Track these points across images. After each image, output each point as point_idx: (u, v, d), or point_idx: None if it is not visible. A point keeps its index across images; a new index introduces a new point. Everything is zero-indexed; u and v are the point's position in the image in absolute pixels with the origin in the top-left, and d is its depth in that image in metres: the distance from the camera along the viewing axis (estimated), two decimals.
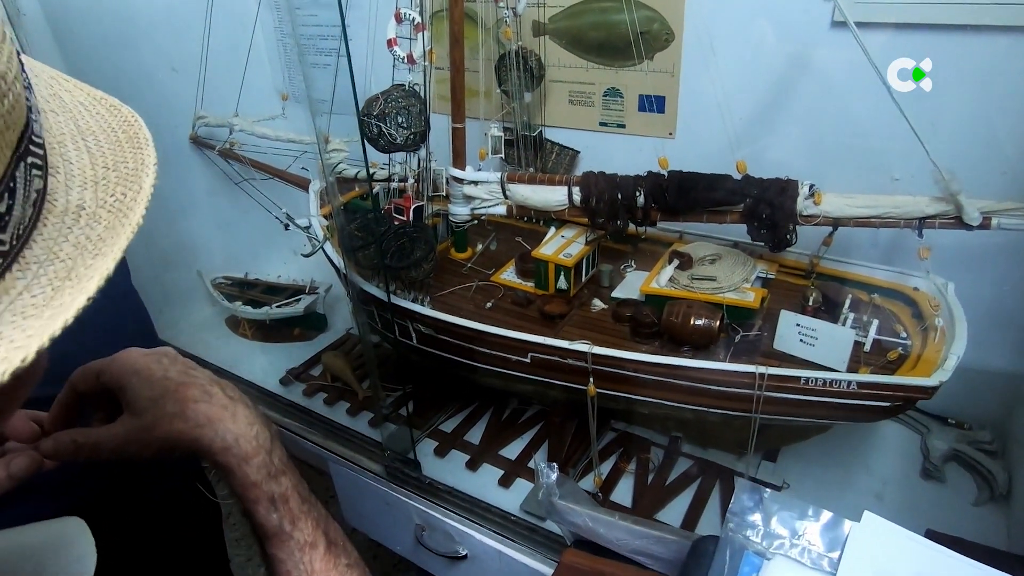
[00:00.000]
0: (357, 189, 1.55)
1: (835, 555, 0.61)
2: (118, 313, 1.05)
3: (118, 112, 0.44)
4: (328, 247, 1.37)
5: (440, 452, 1.36)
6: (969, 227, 0.96)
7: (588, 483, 1.25)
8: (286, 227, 1.42)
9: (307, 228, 1.41)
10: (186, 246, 1.89)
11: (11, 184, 0.32)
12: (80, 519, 0.38)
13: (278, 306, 1.77)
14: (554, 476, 0.83)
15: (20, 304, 0.33)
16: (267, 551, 0.58)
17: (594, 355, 1.05)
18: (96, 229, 0.37)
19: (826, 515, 0.64)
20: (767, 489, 0.66)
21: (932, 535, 1.03)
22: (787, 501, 0.65)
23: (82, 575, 0.35)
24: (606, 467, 1.29)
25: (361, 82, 1.26)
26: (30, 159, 0.35)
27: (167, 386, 0.60)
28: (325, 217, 1.45)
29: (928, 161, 0.93)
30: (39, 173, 0.36)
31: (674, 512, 1.20)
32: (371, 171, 1.41)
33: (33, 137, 0.35)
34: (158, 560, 1.01)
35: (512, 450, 1.36)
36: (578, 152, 1.54)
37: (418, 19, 1.09)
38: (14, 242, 0.33)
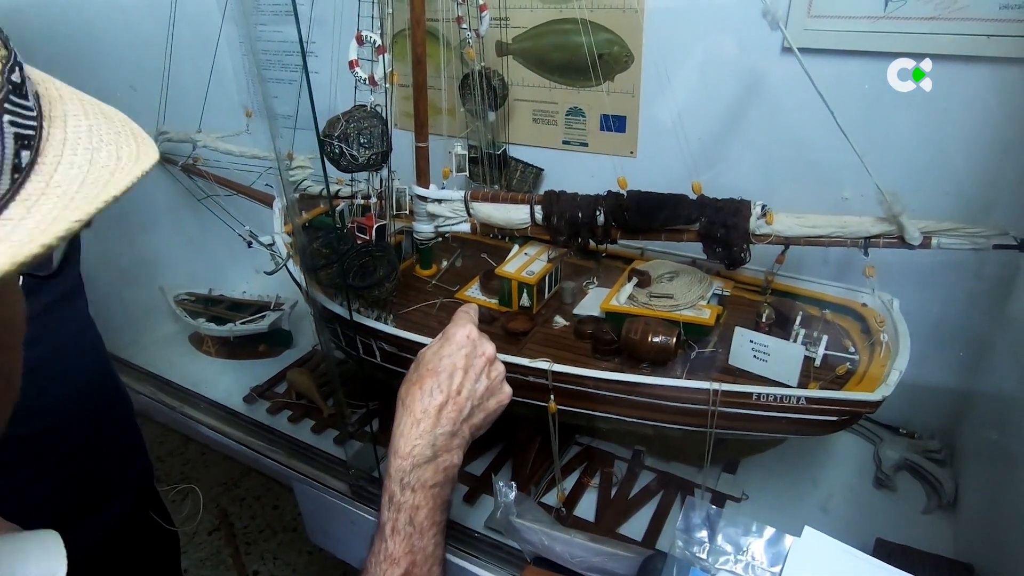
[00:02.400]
0: (323, 205, 1.54)
1: (777, 569, 0.63)
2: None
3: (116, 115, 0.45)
4: (291, 265, 1.37)
5: None
6: (911, 246, 1.00)
7: (552, 498, 1.26)
8: (249, 244, 1.41)
9: (270, 245, 1.40)
10: (148, 262, 1.87)
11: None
12: (55, 532, 0.39)
13: (242, 323, 1.76)
14: (512, 495, 0.84)
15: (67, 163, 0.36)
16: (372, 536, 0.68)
17: (554, 372, 1.07)
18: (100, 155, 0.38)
19: (769, 531, 0.66)
20: (714, 507, 0.68)
21: (882, 543, 1.07)
22: (733, 518, 0.67)
23: None
24: (570, 481, 1.31)
25: (328, 97, 1.27)
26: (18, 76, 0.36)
27: (436, 360, 0.74)
28: (289, 234, 1.44)
29: (871, 178, 0.97)
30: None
31: (636, 525, 1.22)
32: (336, 188, 1.41)
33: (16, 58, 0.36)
34: None
35: (477, 467, 1.36)
36: (542, 170, 1.56)
37: (379, 42, 1.10)
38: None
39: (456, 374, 0.75)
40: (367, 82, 1.13)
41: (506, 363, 1.10)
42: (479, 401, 0.78)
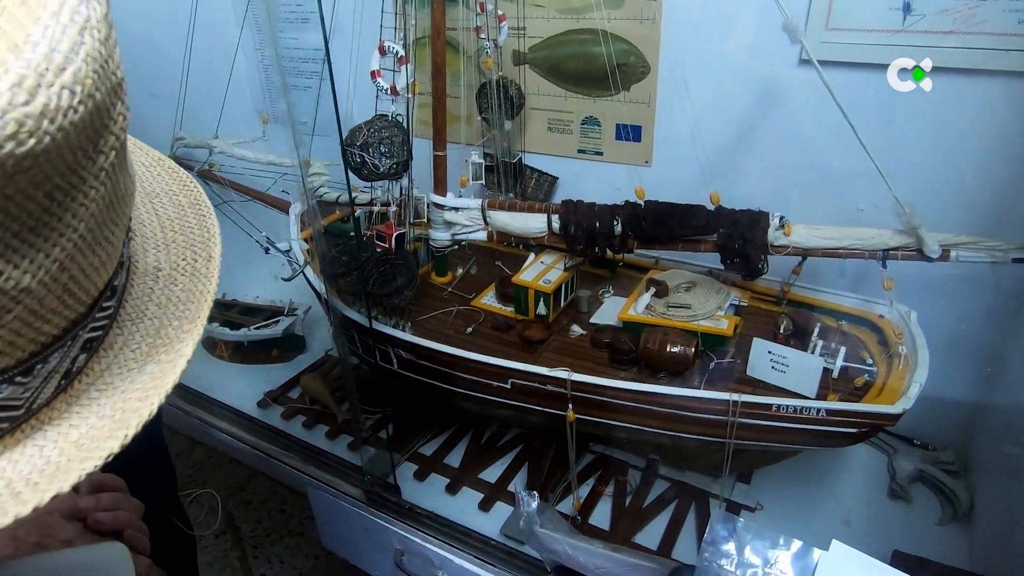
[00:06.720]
0: (338, 212, 1.55)
1: None
2: None
3: (176, 175, 0.47)
4: (308, 271, 1.38)
5: (420, 476, 1.37)
6: (929, 259, 1.00)
7: (567, 506, 1.27)
8: (266, 250, 1.42)
9: (287, 251, 1.41)
10: None
11: (122, 259, 0.36)
12: (122, 544, 0.41)
13: (256, 327, 1.77)
14: (534, 504, 0.84)
15: (123, 358, 0.38)
16: None
17: (573, 382, 1.07)
18: (174, 290, 0.42)
19: (796, 544, 0.66)
20: (740, 519, 0.68)
21: (898, 555, 1.08)
22: (760, 530, 0.68)
23: None
24: (584, 489, 1.31)
25: (343, 105, 1.28)
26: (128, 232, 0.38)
27: None
28: (305, 240, 1.45)
29: (890, 191, 0.98)
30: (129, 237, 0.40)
31: (651, 535, 1.22)
32: (353, 195, 1.42)
33: None
34: None
35: (491, 473, 1.37)
36: (557, 178, 1.57)
37: (401, 52, 1.11)
38: (116, 304, 0.38)
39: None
40: (388, 92, 1.14)
41: (524, 372, 1.12)
42: None
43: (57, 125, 0.27)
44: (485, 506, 1.29)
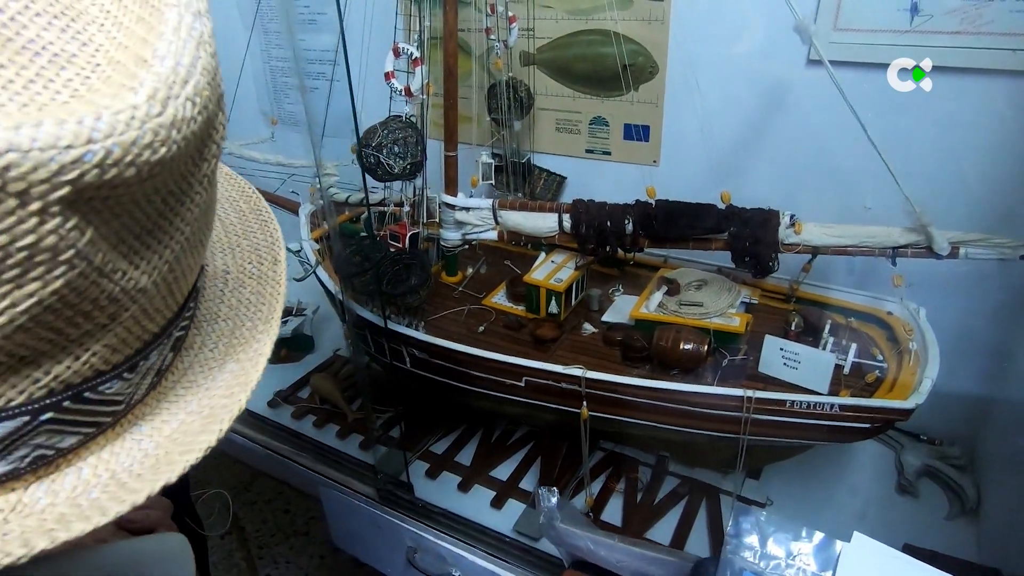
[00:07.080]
0: (348, 212, 1.56)
1: (828, 574, 0.65)
2: None
3: (235, 182, 0.48)
4: (320, 271, 1.38)
5: (431, 474, 1.37)
6: (939, 256, 1.02)
7: (579, 502, 1.28)
8: None
9: (298, 252, 1.42)
10: None
11: (202, 265, 0.38)
12: (182, 536, 0.42)
13: None
14: (554, 500, 0.85)
15: (203, 357, 0.40)
16: None
17: (587, 379, 1.08)
18: (244, 293, 0.44)
19: (818, 536, 0.67)
20: (763, 512, 0.69)
21: (909, 549, 1.09)
22: (782, 523, 0.69)
23: None
24: (595, 486, 1.32)
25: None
26: None
27: None
28: (316, 241, 1.46)
29: (897, 189, 0.99)
30: None
31: (663, 531, 1.23)
32: (361, 196, 1.42)
33: None
34: None
35: (503, 471, 1.38)
36: (565, 178, 1.58)
37: (416, 54, 1.12)
38: (194, 305, 0.40)
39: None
40: (403, 93, 1.14)
41: (539, 370, 1.13)
42: None
43: (183, 135, 0.29)
44: (497, 503, 1.30)
